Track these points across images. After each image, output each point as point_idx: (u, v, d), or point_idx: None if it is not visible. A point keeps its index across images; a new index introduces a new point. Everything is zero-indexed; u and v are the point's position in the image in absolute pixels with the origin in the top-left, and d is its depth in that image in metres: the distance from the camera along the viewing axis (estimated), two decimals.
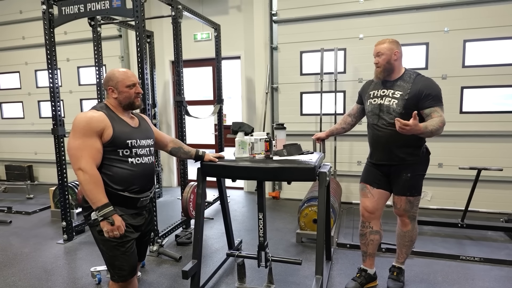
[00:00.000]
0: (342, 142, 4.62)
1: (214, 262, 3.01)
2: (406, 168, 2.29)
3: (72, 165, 1.67)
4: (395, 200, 2.38)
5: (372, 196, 2.42)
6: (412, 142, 2.25)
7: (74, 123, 1.69)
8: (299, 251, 3.22)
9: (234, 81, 5.44)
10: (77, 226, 3.68)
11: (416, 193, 2.33)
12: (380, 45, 2.28)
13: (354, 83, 4.53)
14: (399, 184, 2.32)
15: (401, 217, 2.42)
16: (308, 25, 4.66)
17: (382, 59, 2.25)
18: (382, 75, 2.29)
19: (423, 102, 2.17)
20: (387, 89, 2.30)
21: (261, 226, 2.43)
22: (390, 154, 2.30)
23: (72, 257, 3.19)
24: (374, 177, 2.43)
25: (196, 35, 5.35)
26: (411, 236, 2.44)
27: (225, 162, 2.30)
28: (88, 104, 5.86)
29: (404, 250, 2.50)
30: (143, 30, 2.94)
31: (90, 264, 2.97)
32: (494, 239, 3.37)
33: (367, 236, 2.49)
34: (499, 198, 4.11)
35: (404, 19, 4.27)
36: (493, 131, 4.08)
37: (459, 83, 4.17)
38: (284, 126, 2.51)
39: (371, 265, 2.56)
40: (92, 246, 3.38)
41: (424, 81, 2.22)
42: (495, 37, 3.99)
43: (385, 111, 2.27)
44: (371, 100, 2.37)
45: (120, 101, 1.82)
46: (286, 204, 4.73)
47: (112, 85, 1.81)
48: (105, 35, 5.16)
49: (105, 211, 1.65)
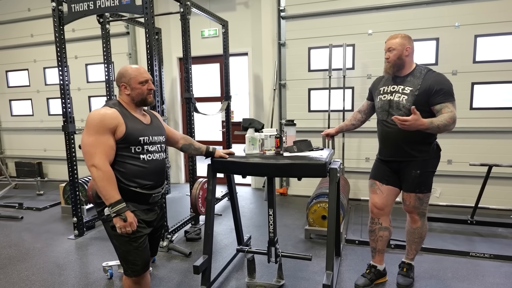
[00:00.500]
0: (351, 138, 4.62)
1: (223, 257, 3.04)
2: (416, 165, 2.28)
3: (86, 161, 1.69)
4: (404, 197, 2.39)
5: (381, 192, 2.43)
6: (421, 138, 2.24)
7: (88, 120, 1.71)
8: (308, 247, 3.24)
9: (241, 78, 5.45)
10: (88, 222, 3.74)
11: (426, 190, 2.33)
12: (392, 40, 2.26)
13: (362, 79, 4.52)
14: (408, 181, 2.32)
15: (410, 214, 2.43)
16: (316, 21, 4.64)
17: (393, 54, 2.24)
18: (391, 70, 2.28)
19: (433, 98, 2.16)
20: (397, 85, 2.30)
21: (271, 222, 2.45)
22: (399, 150, 2.30)
23: (84, 252, 3.25)
24: (384, 174, 2.43)
25: (203, 32, 5.36)
26: (421, 233, 2.45)
27: (236, 158, 2.32)
28: (96, 101, 5.93)
29: (414, 246, 2.51)
30: (153, 27, 2.96)
31: (102, 259, 3.03)
32: (504, 236, 3.36)
33: (376, 232, 2.50)
34: (510, 195, 4.08)
35: (414, 14, 4.24)
36: (503, 128, 4.05)
37: (469, 79, 4.13)
38: (294, 122, 2.52)
39: (380, 261, 2.57)
40: (103, 242, 3.43)
41: (435, 77, 2.21)
42: (507, 32, 3.95)
43: (395, 107, 2.27)
44: (380, 96, 2.37)
45: (132, 98, 1.83)
46: (294, 200, 4.75)
47: (125, 81, 1.83)
48: (113, 32, 5.16)
49: (118, 208, 1.68)
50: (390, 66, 2.27)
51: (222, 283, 2.63)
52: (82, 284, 2.67)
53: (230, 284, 2.63)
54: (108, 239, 1.86)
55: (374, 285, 2.54)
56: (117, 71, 1.87)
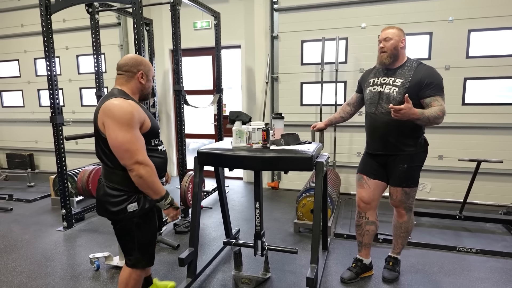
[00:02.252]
0: (342, 133, 4.62)
1: (211, 250, 3.05)
2: (403, 159, 2.28)
3: (124, 160, 1.61)
4: (391, 191, 2.39)
5: (369, 186, 2.44)
6: (409, 132, 2.24)
7: (116, 115, 1.59)
8: (296, 240, 3.26)
9: (234, 71, 5.42)
10: (77, 214, 3.73)
11: (413, 185, 2.33)
12: (388, 29, 2.25)
13: (355, 73, 4.50)
14: (395, 175, 2.33)
15: (397, 208, 2.44)
16: (309, 14, 4.61)
17: (390, 43, 2.22)
18: (388, 60, 2.24)
19: (424, 91, 2.16)
20: (388, 76, 2.29)
21: (257, 215, 2.46)
22: (386, 143, 2.30)
23: (72, 244, 3.25)
24: (371, 168, 2.43)
25: (196, 24, 5.31)
26: (407, 227, 2.46)
27: (222, 151, 2.32)
28: (87, 93, 5.88)
29: (400, 240, 2.52)
30: (141, 17, 2.93)
31: (89, 251, 3.02)
32: (491, 231, 3.39)
33: (363, 226, 2.51)
34: (498, 191, 4.12)
35: (408, 8, 4.22)
36: (494, 123, 4.06)
37: (462, 74, 4.13)
38: (282, 115, 2.51)
39: (366, 255, 2.59)
40: (92, 233, 3.43)
41: (426, 70, 2.21)
42: (501, 27, 3.94)
43: (385, 99, 2.26)
44: (370, 88, 2.36)
45: (142, 89, 1.79)
46: (285, 194, 4.76)
47: (144, 70, 1.76)
48: (104, 23, 5.15)
49: (170, 198, 1.77)
50: (387, 56, 2.24)
51: (208, 276, 2.64)
52: (68, 275, 2.67)
53: (216, 276, 2.64)
54: (96, 232, 1.84)
55: (360, 279, 2.56)
56: (128, 58, 1.76)
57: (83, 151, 5.87)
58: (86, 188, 4.02)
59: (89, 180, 4.01)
